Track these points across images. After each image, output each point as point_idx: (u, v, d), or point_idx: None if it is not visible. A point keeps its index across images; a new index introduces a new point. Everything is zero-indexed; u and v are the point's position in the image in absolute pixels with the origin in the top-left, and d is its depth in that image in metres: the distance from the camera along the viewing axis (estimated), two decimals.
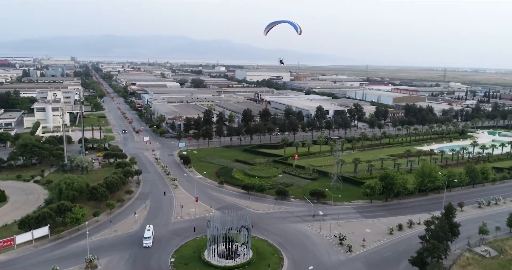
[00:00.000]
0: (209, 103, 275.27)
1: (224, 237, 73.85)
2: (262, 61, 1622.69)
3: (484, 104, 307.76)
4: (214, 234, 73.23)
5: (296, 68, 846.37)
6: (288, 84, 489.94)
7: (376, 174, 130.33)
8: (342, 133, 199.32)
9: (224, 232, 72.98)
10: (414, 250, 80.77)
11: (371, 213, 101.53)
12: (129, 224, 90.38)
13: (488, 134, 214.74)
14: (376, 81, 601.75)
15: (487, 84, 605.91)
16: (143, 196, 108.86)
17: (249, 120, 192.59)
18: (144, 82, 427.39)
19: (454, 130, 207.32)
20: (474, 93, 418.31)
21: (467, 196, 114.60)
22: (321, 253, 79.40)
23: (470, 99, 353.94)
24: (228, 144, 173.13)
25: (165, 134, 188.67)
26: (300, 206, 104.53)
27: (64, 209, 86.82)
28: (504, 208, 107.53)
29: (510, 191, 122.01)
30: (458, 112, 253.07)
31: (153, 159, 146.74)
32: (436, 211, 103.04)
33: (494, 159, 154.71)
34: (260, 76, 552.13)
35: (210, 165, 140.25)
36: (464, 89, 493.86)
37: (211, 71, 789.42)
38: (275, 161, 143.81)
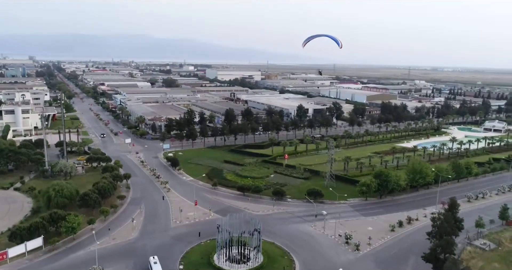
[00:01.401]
0: (185, 103, 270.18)
1: (237, 241, 71.87)
2: (230, 60, 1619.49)
3: (451, 101, 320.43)
4: (226, 238, 71.14)
5: (265, 67, 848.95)
6: (260, 83, 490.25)
7: (365, 171, 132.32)
8: (323, 131, 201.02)
9: (237, 235, 70.99)
10: (418, 246, 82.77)
11: (368, 210, 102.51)
12: (127, 231, 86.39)
13: (459, 130, 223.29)
14: (345, 79, 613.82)
15: (448, 82, 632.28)
16: (136, 201, 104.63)
17: (231, 120, 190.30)
18: (114, 82, 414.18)
19: (430, 127, 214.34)
20: (440, 90, 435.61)
21: (455, 191, 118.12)
22: (330, 253, 79.11)
23: (437, 97, 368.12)
24: (212, 145, 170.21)
25: (145, 135, 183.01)
26: (298, 206, 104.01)
27: (57, 218, 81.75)
28: (491, 201, 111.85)
29: (492, 184, 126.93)
30: (430, 109, 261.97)
31: (138, 162, 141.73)
32: (430, 206, 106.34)
33: (471, 154, 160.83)
34: (232, 75, 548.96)
35: (199, 166, 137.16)
36: (429, 86, 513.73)
37: (180, 70, 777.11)
38: (265, 161, 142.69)
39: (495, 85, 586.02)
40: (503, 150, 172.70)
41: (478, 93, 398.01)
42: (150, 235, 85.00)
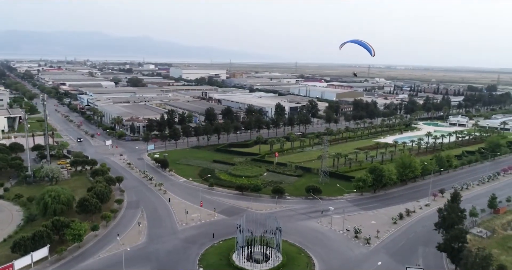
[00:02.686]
0: (158, 102, 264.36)
1: (260, 240, 71.65)
2: (190, 59, 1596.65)
3: (414, 97, 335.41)
4: (249, 238, 70.72)
5: (228, 65, 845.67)
6: (227, 82, 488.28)
7: (354, 167, 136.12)
8: (302, 129, 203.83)
9: (260, 235, 70.79)
10: (422, 237, 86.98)
11: (366, 205, 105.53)
12: (134, 236, 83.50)
13: (426, 125, 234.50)
14: (308, 78, 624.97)
15: (404, 79, 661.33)
16: (133, 205, 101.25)
17: (212, 119, 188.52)
18: (75, 82, 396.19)
19: (402, 123, 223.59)
20: (401, 88, 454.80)
21: (440, 183, 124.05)
22: (343, 248, 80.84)
23: (400, 94, 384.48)
24: (196, 145, 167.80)
25: (124, 137, 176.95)
26: (300, 203, 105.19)
27: (60, 225, 77.53)
28: (475, 191, 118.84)
29: (470, 176, 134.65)
30: (397, 106, 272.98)
31: (124, 164, 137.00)
32: (422, 198, 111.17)
33: (446, 148, 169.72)
34: (197, 74, 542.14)
35: (189, 167, 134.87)
36: (389, 84, 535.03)
37: (141, 69, 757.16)
38: (254, 160, 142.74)
39: (446, 82, 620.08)
40: (472, 143, 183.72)
41: (437, 90, 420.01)
42: (159, 239, 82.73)
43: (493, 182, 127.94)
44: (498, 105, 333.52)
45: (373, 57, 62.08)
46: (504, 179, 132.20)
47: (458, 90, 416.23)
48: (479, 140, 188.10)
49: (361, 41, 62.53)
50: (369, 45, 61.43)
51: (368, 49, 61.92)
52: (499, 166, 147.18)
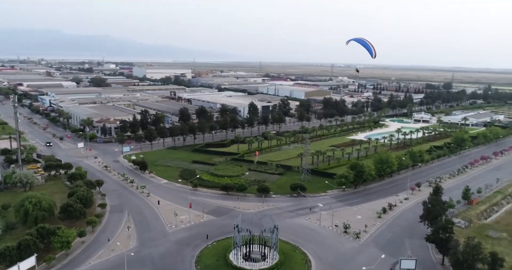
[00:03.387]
0: (126, 103, 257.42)
1: (259, 239, 71.84)
2: (151, 58, 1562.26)
3: (379, 95, 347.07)
4: (247, 237, 70.76)
5: (192, 65, 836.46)
6: (193, 81, 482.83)
7: (333, 164, 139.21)
8: (275, 128, 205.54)
9: (259, 234, 70.98)
10: (407, 229, 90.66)
11: (350, 200, 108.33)
12: (124, 241, 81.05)
13: (393, 122, 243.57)
14: (273, 76, 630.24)
15: (365, 78, 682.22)
16: (117, 209, 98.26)
17: (186, 119, 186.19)
18: (34, 82, 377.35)
19: (371, 120, 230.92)
20: (364, 86, 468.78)
21: (415, 178, 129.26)
22: (335, 243, 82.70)
23: (365, 92, 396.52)
24: (172, 146, 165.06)
25: (95, 139, 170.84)
26: (285, 201, 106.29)
27: (46, 233, 73.98)
28: (448, 184, 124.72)
29: (441, 169, 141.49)
30: (364, 104, 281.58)
31: (100, 168, 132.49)
32: (401, 192, 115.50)
33: (415, 143, 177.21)
34: (161, 74, 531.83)
35: (168, 168, 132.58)
36: (351, 82, 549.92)
37: (102, 69, 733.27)
38: (234, 159, 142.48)
39: (405, 80, 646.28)
40: (437, 138, 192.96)
41: (399, 88, 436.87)
42: (151, 242, 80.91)
43: (462, 175, 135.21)
44: (455, 101, 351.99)
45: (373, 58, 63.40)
46: (471, 171, 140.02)
47: (418, 88, 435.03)
48: (444, 135, 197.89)
49: (364, 41, 63.74)
50: (371, 47, 62.79)
51: (369, 50, 63.23)
52: (465, 159, 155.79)
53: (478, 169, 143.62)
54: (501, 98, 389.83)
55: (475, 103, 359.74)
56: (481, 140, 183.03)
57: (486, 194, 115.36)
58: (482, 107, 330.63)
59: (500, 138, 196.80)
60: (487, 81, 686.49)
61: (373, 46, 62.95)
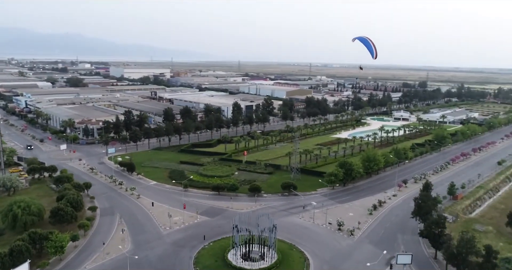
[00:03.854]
0: (106, 103, 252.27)
1: (258, 239, 71.98)
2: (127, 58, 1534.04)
3: (358, 94, 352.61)
4: (247, 237, 70.83)
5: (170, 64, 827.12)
6: (173, 81, 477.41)
7: (320, 162, 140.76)
8: (260, 127, 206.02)
9: (258, 234, 71.14)
10: (398, 225, 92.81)
11: (340, 198, 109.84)
12: (117, 244, 79.63)
13: (373, 120, 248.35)
14: (253, 76, 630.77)
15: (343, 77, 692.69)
16: (108, 212, 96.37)
17: (171, 119, 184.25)
18: (6, 83, 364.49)
19: (353, 119, 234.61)
20: (343, 85, 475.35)
21: (400, 174, 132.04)
22: (330, 241, 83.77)
23: (345, 91, 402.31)
24: (157, 146, 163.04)
25: (77, 140, 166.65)
26: (277, 200, 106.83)
27: (39, 238, 71.89)
28: (432, 180, 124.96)
29: (424, 166, 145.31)
30: (345, 103, 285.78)
31: (86, 170, 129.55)
32: (389, 189, 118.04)
33: (397, 141, 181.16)
34: (140, 73, 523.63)
35: (156, 170, 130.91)
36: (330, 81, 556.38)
37: (77, 68, 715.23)
38: (222, 159, 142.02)
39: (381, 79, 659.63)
40: (418, 136, 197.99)
41: (377, 87, 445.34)
42: (146, 245, 79.81)
43: (445, 171, 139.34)
44: (431, 100, 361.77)
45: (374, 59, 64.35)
46: (453, 167, 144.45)
47: (395, 87, 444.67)
48: (424, 133, 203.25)
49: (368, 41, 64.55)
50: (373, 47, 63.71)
51: (371, 50, 64.14)
52: (445, 156, 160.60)
53: (459, 165, 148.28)
54: (473, 96, 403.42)
55: (450, 101, 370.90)
56: (460, 137, 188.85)
57: (469, 189, 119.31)
58: (457, 105, 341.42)
59: (477, 135, 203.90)
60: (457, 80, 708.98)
61: (375, 47, 64.02)
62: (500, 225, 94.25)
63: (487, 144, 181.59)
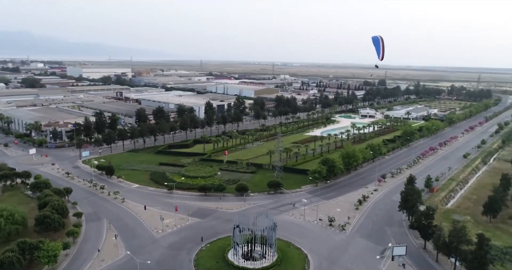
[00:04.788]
0: (70, 104, 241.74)
1: (261, 238, 72.22)
2: (79, 57, 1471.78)
3: (324, 93, 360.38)
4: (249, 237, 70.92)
5: (129, 63, 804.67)
6: (135, 81, 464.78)
7: (300, 160, 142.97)
8: (233, 126, 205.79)
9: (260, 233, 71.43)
10: (384, 218, 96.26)
11: (325, 194, 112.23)
12: (112, 250, 77.13)
13: (342, 118, 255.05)
14: (217, 75, 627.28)
15: (304, 75, 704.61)
16: (93, 217, 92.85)
17: (144, 120, 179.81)
18: None
19: (323, 117, 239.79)
20: (308, 84, 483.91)
21: (379, 169, 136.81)
22: (324, 237, 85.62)
23: (310, 90, 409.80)
24: (132, 148, 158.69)
25: (46, 144, 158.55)
26: (265, 199, 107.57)
27: (29, 247, 68.17)
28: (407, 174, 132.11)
29: (397, 161, 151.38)
30: (313, 101, 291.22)
31: (60, 175, 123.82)
32: (369, 184, 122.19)
33: (368, 138, 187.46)
34: (99, 73, 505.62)
35: (136, 172, 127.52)
36: (293, 80, 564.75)
37: (30, 68, 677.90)
38: (203, 160, 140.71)
39: (341, 78, 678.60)
40: (386, 132, 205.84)
41: (340, 85, 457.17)
42: (141, 249, 77.80)
43: (417, 165, 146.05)
44: (392, 97, 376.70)
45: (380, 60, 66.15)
46: (424, 162, 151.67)
47: (357, 85, 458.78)
48: (392, 129, 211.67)
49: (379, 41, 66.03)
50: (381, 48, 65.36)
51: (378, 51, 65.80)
52: (414, 151, 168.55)
53: (429, 159, 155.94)
54: (430, 93, 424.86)
55: (409, 98, 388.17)
56: (425, 133, 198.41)
57: (442, 182, 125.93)
58: (416, 102, 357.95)
59: (439, 130, 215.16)
60: (412, 78, 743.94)
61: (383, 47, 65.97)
62: (476, 215, 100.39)
63: (451, 138, 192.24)
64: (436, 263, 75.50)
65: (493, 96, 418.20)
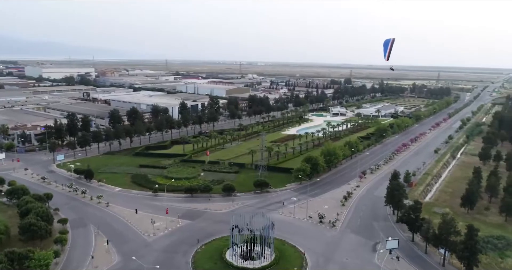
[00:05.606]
0: (35, 106, 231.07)
1: (260, 237, 72.36)
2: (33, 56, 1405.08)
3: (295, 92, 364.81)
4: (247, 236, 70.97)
5: (91, 63, 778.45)
6: (100, 81, 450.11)
7: (281, 159, 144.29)
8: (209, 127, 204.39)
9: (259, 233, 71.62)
10: (370, 213, 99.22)
11: (310, 192, 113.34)
12: (104, 256, 74.75)
13: (314, 116, 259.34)
14: (184, 75, 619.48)
15: (271, 74, 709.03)
16: (78, 223, 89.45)
17: (118, 122, 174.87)
18: None
19: (297, 115, 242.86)
20: (277, 83, 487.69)
21: (356, 166, 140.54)
22: (316, 233, 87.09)
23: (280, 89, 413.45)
24: (108, 151, 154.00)
25: (14, 148, 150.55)
26: (252, 199, 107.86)
27: (18, 257, 64.79)
28: (385, 170, 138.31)
29: (373, 157, 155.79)
30: (284, 100, 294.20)
31: (35, 180, 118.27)
32: (351, 180, 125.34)
33: (343, 135, 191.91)
34: (61, 73, 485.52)
35: (116, 175, 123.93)
36: (260, 79, 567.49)
37: None
38: (184, 161, 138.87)
39: (307, 77, 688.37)
40: (359, 129, 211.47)
41: (309, 84, 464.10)
42: (134, 254, 75.32)
43: (393, 161, 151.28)
44: (359, 95, 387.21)
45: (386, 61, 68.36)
46: (398, 157, 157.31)
47: (325, 84, 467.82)
48: (364, 126, 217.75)
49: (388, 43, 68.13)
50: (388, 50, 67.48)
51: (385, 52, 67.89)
52: (388, 147, 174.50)
53: (403, 155, 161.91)
54: (394, 91, 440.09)
55: (375, 96, 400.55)
56: (396, 129, 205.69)
57: (418, 177, 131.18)
58: (382, 100, 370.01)
59: (408, 126, 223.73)
60: (375, 76, 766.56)
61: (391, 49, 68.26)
62: (454, 207, 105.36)
63: (420, 134, 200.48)
64: (426, 255, 78.82)
65: (452, 93, 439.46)
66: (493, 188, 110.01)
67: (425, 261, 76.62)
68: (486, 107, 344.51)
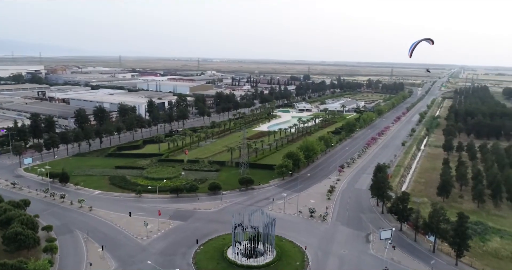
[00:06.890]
0: None
1: (263, 235, 72.42)
2: None
3: (258, 88, 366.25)
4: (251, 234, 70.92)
5: (38, 60, 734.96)
6: (52, 79, 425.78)
7: (260, 155, 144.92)
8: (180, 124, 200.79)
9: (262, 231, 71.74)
10: (355, 205, 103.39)
11: (294, 187, 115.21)
12: (99, 263, 71.58)
13: (281, 112, 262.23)
14: (141, 72, 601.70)
15: (228, 71, 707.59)
16: (64, 230, 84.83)
17: (85, 122, 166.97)
18: None
19: (265, 112, 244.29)
20: (239, 80, 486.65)
21: (332, 160, 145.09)
22: (309, 228, 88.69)
23: (243, 85, 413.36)
24: (78, 152, 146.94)
25: None
26: (238, 196, 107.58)
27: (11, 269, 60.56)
28: (360, 163, 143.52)
29: (346, 152, 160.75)
30: (250, 96, 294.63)
31: (4, 186, 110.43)
32: (331, 174, 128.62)
33: (313, 131, 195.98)
34: (7, 71, 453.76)
35: (92, 178, 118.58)
36: (221, 76, 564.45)
37: None
38: (161, 160, 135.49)
39: (265, 73, 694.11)
40: (327, 125, 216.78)
41: (270, 81, 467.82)
42: (131, 259, 73.44)
43: (366, 154, 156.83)
44: (320, 91, 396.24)
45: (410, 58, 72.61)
46: (369, 151, 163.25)
47: (286, 81, 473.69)
48: (331, 122, 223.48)
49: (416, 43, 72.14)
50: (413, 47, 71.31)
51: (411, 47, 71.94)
52: (357, 141, 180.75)
53: (373, 148, 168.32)
54: (352, 87, 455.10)
55: (335, 92, 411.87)
56: (362, 124, 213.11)
57: (392, 168, 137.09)
58: (342, 95, 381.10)
59: (372, 121, 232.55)
60: (329, 73, 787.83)
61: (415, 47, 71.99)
62: (430, 196, 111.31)
63: (385, 128, 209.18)
64: (415, 243, 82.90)
65: (405, 88, 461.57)
66: (463, 177, 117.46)
67: (415, 249, 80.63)
68: (437, 101, 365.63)
